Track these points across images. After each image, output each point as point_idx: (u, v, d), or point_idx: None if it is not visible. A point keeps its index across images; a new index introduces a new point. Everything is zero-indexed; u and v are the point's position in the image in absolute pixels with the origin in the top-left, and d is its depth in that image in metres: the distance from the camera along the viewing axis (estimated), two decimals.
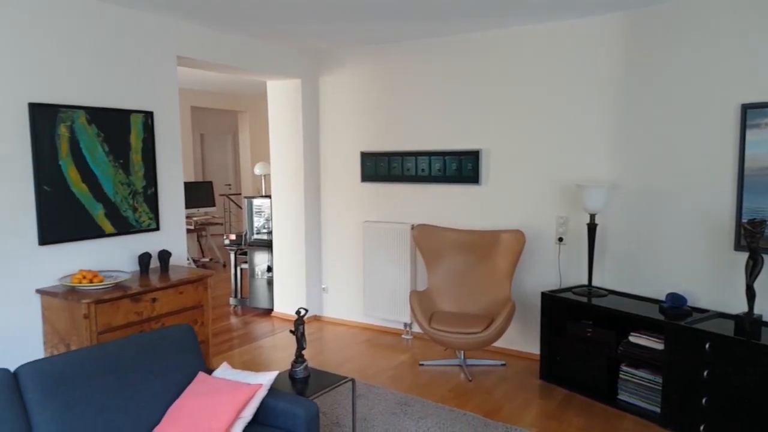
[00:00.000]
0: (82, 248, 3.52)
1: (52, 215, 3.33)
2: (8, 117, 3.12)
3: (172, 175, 4.07)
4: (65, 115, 3.35)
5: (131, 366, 2.41)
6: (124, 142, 3.70)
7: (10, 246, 3.17)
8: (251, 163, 9.85)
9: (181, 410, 2.33)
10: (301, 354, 3.01)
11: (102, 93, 3.58)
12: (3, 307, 3.15)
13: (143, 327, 3.36)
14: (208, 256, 9.05)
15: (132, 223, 3.78)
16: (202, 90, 8.46)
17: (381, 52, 5.05)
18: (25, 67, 3.18)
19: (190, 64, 4.42)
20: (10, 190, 3.15)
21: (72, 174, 3.41)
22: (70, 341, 3.17)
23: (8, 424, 2.02)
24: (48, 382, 2.16)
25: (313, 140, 5.48)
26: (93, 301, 3.08)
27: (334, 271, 5.56)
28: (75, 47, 3.42)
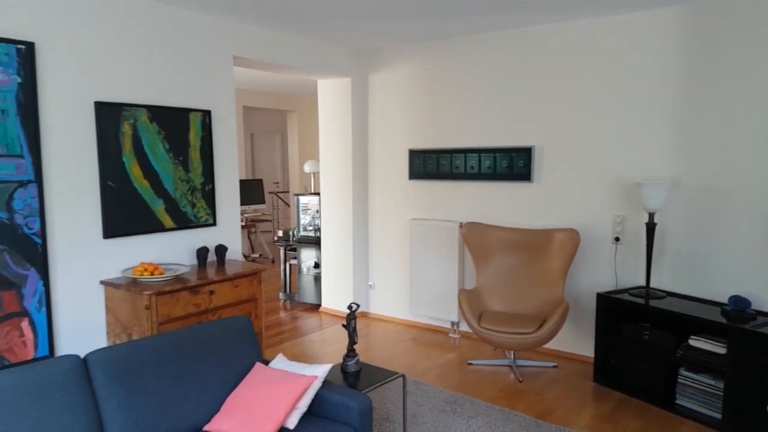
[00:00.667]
0: (143, 242, 3.67)
1: (116, 210, 3.48)
2: (77, 115, 3.27)
3: (228, 173, 4.19)
4: (128, 113, 3.50)
5: (192, 355, 2.49)
6: (184, 140, 3.83)
7: (78, 239, 3.33)
8: (299, 161, 10.01)
9: (240, 399, 2.40)
10: (352, 348, 3.04)
11: (163, 92, 3.72)
12: (71, 298, 3.31)
13: (201, 318, 3.46)
14: (258, 252, 9.25)
15: (190, 219, 3.91)
16: (253, 90, 8.65)
17: (430, 49, 5.04)
18: (92, 68, 3.33)
19: (246, 64, 4.53)
20: (78, 185, 3.31)
21: (135, 170, 3.56)
22: (131, 331, 3.31)
23: (79, 409, 2.12)
24: (115, 369, 2.26)
25: (362, 138, 5.52)
26: (154, 292, 3.20)
27: (380, 268, 5.59)
28: (138, 48, 3.56)
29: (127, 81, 3.51)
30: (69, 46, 3.21)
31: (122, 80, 3.49)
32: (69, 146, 3.25)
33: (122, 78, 3.49)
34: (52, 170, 3.17)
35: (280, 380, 2.43)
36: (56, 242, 3.22)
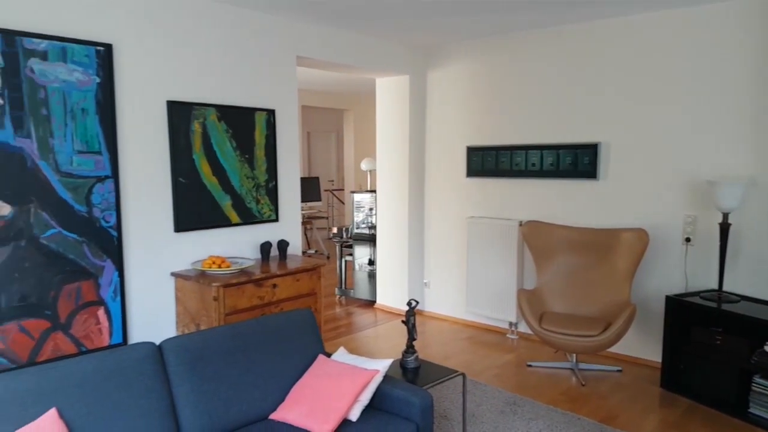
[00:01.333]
0: (211, 236, 3.80)
1: (186, 205, 3.63)
2: (150, 114, 3.43)
3: (289, 170, 4.28)
4: (198, 112, 3.64)
5: (259, 345, 2.57)
6: (250, 138, 3.95)
7: (150, 232, 3.49)
8: (354, 159, 10.12)
9: (304, 389, 2.45)
10: (411, 345, 3.05)
11: (230, 92, 3.84)
12: (143, 288, 3.47)
13: (264, 310, 3.56)
14: (314, 248, 9.41)
15: (255, 214, 4.02)
16: (310, 89, 8.80)
17: (489, 44, 4.98)
18: (164, 68, 3.48)
19: (308, 63, 4.62)
20: (152, 181, 3.46)
21: (204, 167, 3.70)
22: (200, 321, 3.44)
23: (155, 394, 2.23)
24: (188, 357, 2.36)
25: (419, 135, 5.52)
26: (222, 284, 3.31)
27: (436, 266, 5.58)
28: (207, 49, 3.69)
29: (196, 81, 3.65)
30: (143, 48, 3.37)
31: (192, 80, 3.63)
32: (143, 144, 3.41)
33: (192, 78, 3.63)
34: (127, 166, 3.34)
35: (342, 373, 2.47)
36: (131, 235, 3.39)
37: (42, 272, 2.99)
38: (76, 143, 3.07)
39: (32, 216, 2.93)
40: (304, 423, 2.30)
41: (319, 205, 9.27)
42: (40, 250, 2.97)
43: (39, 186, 2.95)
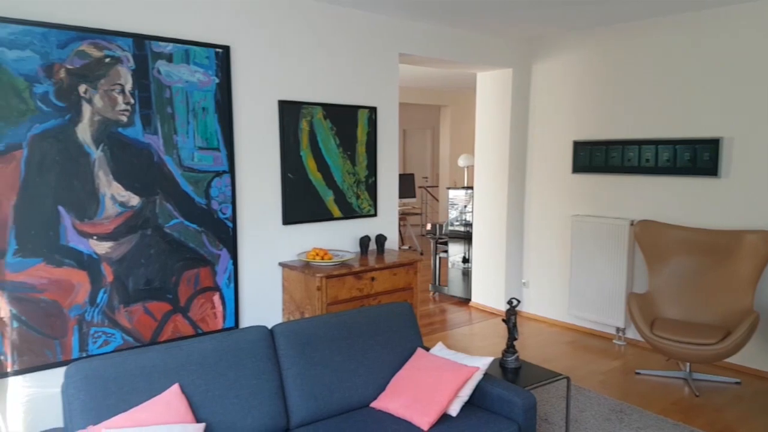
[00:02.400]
0: (314, 229, 3.96)
1: (293, 199, 3.80)
2: (263, 113, 3.62)
3: (389, 167, 4.35)
4: (306, 111, 3.79)
5: (360, 335, 2.64)
6: (352, 135, 4.06)
7: (262, 224, 3.69)
8: (450, 156, 10.06)
9: (404, 381, 2.49)
10: (512, 344, 3.00)
11: (335, 91, 3.97)
12: (253, 276, 3.68)
13: (362, 302, 3.65)
14: (407, 245, 9.49)
15: (355, 209, 4.13)
16: (406, 86, 8.86)
17: (599, 35, 4.75)
18: (276, 69, 3.66)
19: (410, 60, 4.66)
20: (263, 176, 3.66)
21: (310, 164, 3.85)
22: (304, 309, 3.59)
23: (266, 375, 2.36)
24: (297, 342, 2.48)
25: (521, 130, 5.38)
26: (324, 275, 3.44)
27: (536, 265, 5.42)
28: (315, 50, 3.83)
29: (305, 81, 3.80)
30: (257, 49, 3.56)
31: (301, 80, 3.78)
32: (256, 141, 3.61)
33: (301, 78, 3.78)
34: (242, 162, 3.55)
35: (442, 367, 2.48)
36: (244, 226, 3.60)
37: (165, 259, 3.25)
38: (197, 140, 3.31)
39: (158, 207, 3.20)
40: (404, 414, 2.34)
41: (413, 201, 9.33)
42: (164, 239, 3.24)
43: (164, 179, 3.21)
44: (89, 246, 2.98)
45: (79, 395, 2.01)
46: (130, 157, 3.08)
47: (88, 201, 2.96)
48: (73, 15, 2.85)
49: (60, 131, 2.84)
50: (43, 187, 2.81)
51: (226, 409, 2.20)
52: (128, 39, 3.01)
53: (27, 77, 2.72)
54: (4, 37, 2.64)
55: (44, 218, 2.83)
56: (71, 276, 2.94)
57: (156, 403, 2.04)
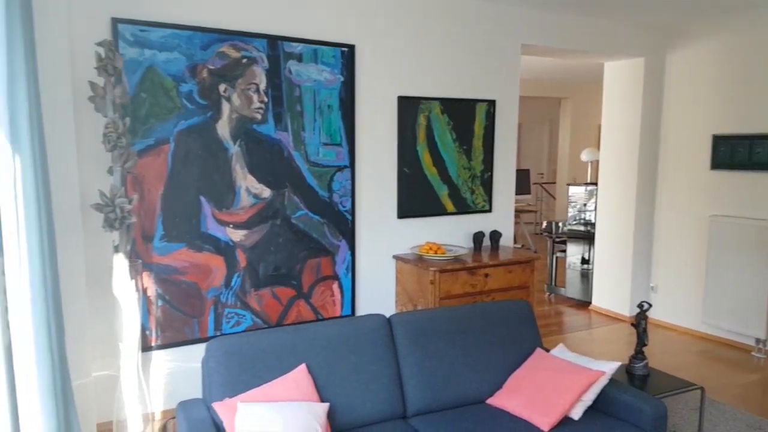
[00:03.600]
0: (428, 223, 3.99)
1: (408, 193, 3.86)
2: (383, 109, 3.71)
3: (506, 162, 4.27)
4: (424, 106, 3.83)
5: (477, 331, 2.62)
6: (469, 129, 4.03)
7: (377, 217, 3.79)
8: (569, 150, 9.63)
9: (522, 380, 2.44)
10: (641, 350, 2.82)
11: (453, 85, 3.96)
12: (369, 267, 3.79)
13: (475, 299, 3.62)
14: (520, 243, 9.24)
15: (469, 204, 4.11)
16: (522, 78, 8.59)
17: (740, 19, 4.30)
18: (396, 65, 3.73)
19: (533, 51, 4.52)
20: (381, 171, 3.75)
21: (426, 158, 3.88)
22: (417, 302, 3.63)
23: (384, 362, 2.43)
24: (414, 332, 2.52)
25: (652, 123, 5.02)
26: (438, 269, 3.45)
27: (665, 268, 5.04)
28: (434, 45, 3.85)
29: (424, 76, 3.84)
30: (379, 47, 3.65)
31: (420, 75, 3.82)
32: (376, 136, 3.71)
33: (420, 73, 3.82)
34: (362, 157, 3.66)
35: (564, 369, 2.40)
36: (361, 219, 3.72)
37: (291, 247, 3.45)
38: (322, 136, 3.47)
39: (286, 199, 3.40)
40: (523, 413, 2.29)
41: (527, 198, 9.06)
42: (291, 229, 3.44)
43: (293, 173, 3.40)
44: (226, 233, 3.24)
45: (217, 369, 2.20)
46: (263, 152, 3.30)
47: (226, 192, 3.21)
48: (216, 18, 3.10)
49: (202, 127, 3.11)
50: (186, 178, 3.10)
51: (347, 391, 2.30)
52: (263, 40, 3.22)
53: (174, 77, 3.01)
54: (155, 40, 2.94)
55: (187, 207, 3.12)
56: (209, 261, 3.21)
57: (285, 380, 2.18)
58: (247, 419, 1.98)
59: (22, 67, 1.89)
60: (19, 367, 1.94)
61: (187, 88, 3.05)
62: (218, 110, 3.15)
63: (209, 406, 2.16)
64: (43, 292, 1.97)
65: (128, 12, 2.87)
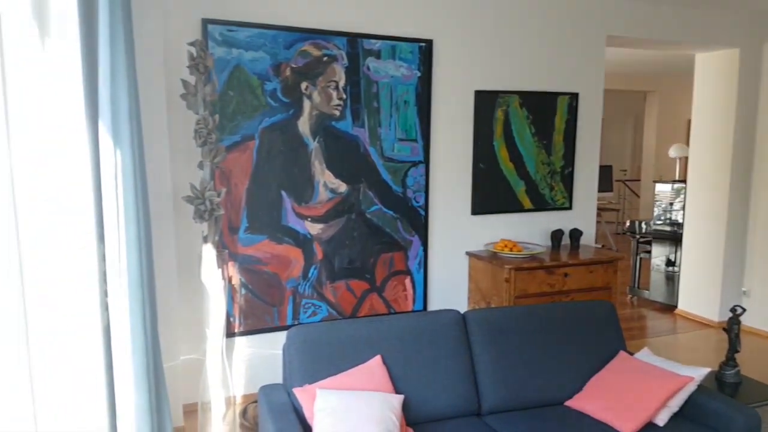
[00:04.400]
0: (503, 220, 3.92)
1: (483, 189, 3.81)
2: (459, 104, 3.69)
3: (588, 157, 4.12)
4: (502, 100, 3.77)
5: (555, 331, 2.56)
6: (549, 123, 3.93)
7: (452, 213, 3.77)
8: (655, 147, 9.14)
9: (604, 383, 2.35)
10: (733, 357, 2.65)
11: (533, 78, 3.87)
12: (441, 263, 3.78)
13: (553, 298, 3.52)
14: (600, 243, 8.88)
15: (547, 201, 4.00)
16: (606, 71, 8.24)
17: None
18: (473, 59, 3.69)
19: (618, 43, 4.33)
20: (455, 166, 3.73)
21: (503, 153, 3.82)
22: (490, 300, 3.59)
23: (459, 357, 2.42)
24: (489, 329, 2.49)
25: (749, 118, 4.67)
26: (513, 267, 3.39)
27: (761, 272, 4.68)
28: (513, 36, 3.77)
29: (502, 69, 3.78)
30: (457, 41, 3.62)
31: (498, 69, 3.76)
32: (451, 131, 3.69)
33: (498, 66, 3.76)
34: (436, 152, 3.66)
35: (649, 374, 2.29)
36: (435, 215, 3.72)
37: (365, 242, 3.50)
38: (398, 132, 3.50)
39: (361, 194, 3.46)
40: (604, 417, 2.22)
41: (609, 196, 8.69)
42: (365, 223, 3.49)
43: (368, 169, 3.45)
44: (304, 227, 3.34)
45: (297, 356, 2.27)
46: (341, 148, 3.37)
47: (305, 187, 3.31)
48: (299, 18, 3.20)
49: (284, 124, 3.22)
50: (269, 173, 3.22)
51: (421, 384, 2.31)
52: (343, 38, 3.29)
53: (260, 76, 3.14)
54: (242, 39, 3.08)
55: (270, 200, 3.25)
56: (289, 252, 3.33)
57: (361, 370, 2.23)
58: (325, 405, 2.04)
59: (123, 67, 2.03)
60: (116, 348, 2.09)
61: (271, 86, 3.17)
62: (300, 107, 3.25)
63: (289, 391, 2.24)
64: (138, 278, 2.12)
65: (217, 13, 3.02)
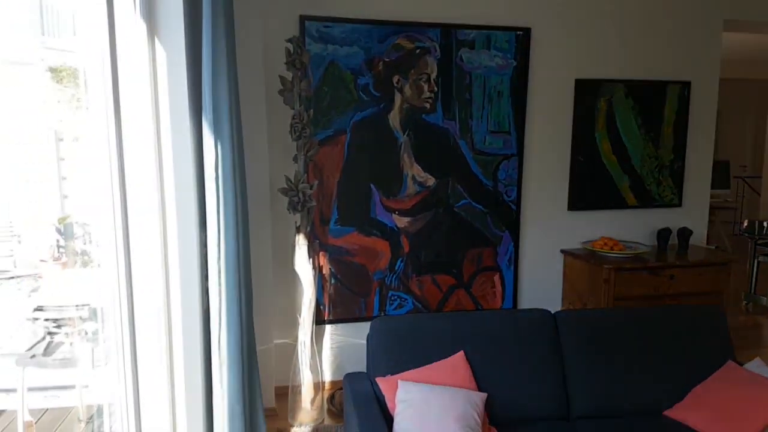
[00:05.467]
0: (604, 216, 3.71)
1: (582, 184, 3.63)
2: (557, 94, 3.53)
3: (701, 151, 3.81)
4: (605, 89, 3.56)
5: (654, 335, 2.40)
6: (657, 114, 3.66)
7: (544, 209, 3.63)
8: None
9: (710, 393, 2.17)
10: None
11: (640, 65, 3.62)
12: (533, 261, 3.65)
13: (657, 302, 3.29)
14: (714, 243, 8.16)
15: (654, 197, 3.74)
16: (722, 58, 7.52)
17: None
18: (575, 46, 3.50)
19: (737, 27, 3.93)
20: (550, 159, 3.58)
21: (604, 146, 3.62)
22: (586, 301, 3.41)
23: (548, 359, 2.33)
24: (581, 332, 2.38)
25: None
26: (613, 267, 3.20)
27: None
28: (618, 20, 3.54)
29: (605, 56, 3.56)
30: (557, 27, 3.46)
31: (601, 56, 3.55)
32: (547, 123, 3.54)
33: (601, 54, 3.55)
34: (531, 145, 3.53)
35: (762, 385, 2.08)
36: (528, 210, 3.59)
37: (453, 236, 3.46)
38: (490, 124, 3.42)
39: (450, 188, 3.42)
40: (708, 429, 2.05)
41: (725, 193, 7.96)
42: (453, 217, 3.45)
43: (457, 162, 3.40)
44: (392, 220, 3.36)
45: (381, 346, 2.30)
46: (430, 141, 3.35)
47: (394, 180, 3.33)
48: (393, 11, 3.20)
49: (375, 118, 3.25)
50: (359, 166, 3.27)
51: (506, 383, 2.25)
52: (437, 30, 3.26)
53: (353, 71, 3.18)
54: (337, 35, 3.13)
55: (359, 193, 3.30)
56: (376, 245, 3.37)
57: (444, 365, 2.21)
58: (407, 396, 2.04)
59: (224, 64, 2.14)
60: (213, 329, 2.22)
61: (364, 80, 3.20)
62: (390, 101, 3.26)
63: (372, 380, 2.27)
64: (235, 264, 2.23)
65: (315, 9, 3.10)
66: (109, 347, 2.03)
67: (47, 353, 2.41)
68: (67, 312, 2.47)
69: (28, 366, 2.31)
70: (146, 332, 2.07)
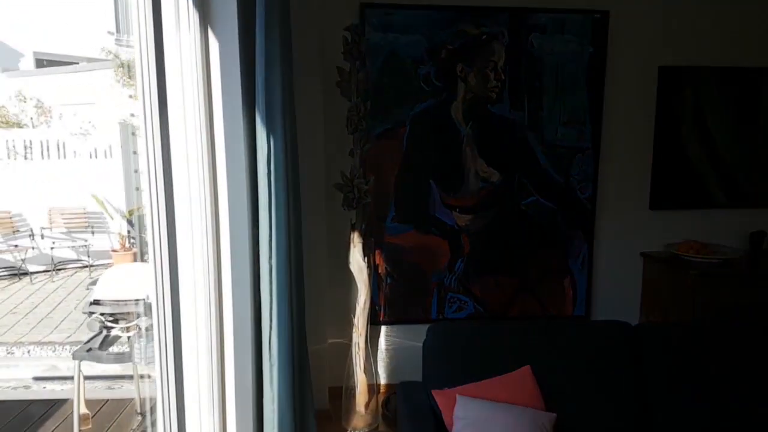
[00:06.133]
0: (689, 217, 3.37)
1: (665, 181, 3.30)
2: (638, 83, 3.20)
3: None
4: (693, 77, 3.21)
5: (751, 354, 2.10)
6: (753, 104, 3.27)
7: (622, 207, 3.32)
8: None
9: None
10: None
11: (734, 51, 3.23)
12: (609, 264, 3.35)
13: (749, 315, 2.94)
14: None
15: (747, 196, 3.35)
16: None
17: None
18: (658, 30, 3.18)
19: None
20: (630, 154, 3.27)
21: (691, 139, 3.27)
22: (669, 310, 3.11)
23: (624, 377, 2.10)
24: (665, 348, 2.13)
25: None
26: (700, 273, 2.89)
27: None
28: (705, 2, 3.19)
29: (693, 42, 3.21)
30: (638, 10, 3.14)
31: (688, 41, 3.20)
32: (627, 114, 3.23)
33: (688, 39, 3.20)
34: (609, 137, 3.23)
35: None
36: (604, 208, 3.30)
37: (518, 236, 3.23)
38: (562, 114, 3.16)
39: (516, 184, 3.19)
40: None
41: None
42: (519, 216, 3.22)
43: (525, 156, 3.17)
44: (452, 218, 3.17)
45: (438, 353, 2.14)
46: (496, 134, 3.13)
47: (455, 175, 3.14)
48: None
49: (436, 109, 3.07)
50: (419, 161, 3.10)
51: (577, 404, 2.04)
52: (505, 14, 3.03)
53: (414, 60, 3.01)
54: (399, 23, 2.97)
55: (418, 189, 3.13)
56: (435, 244, 3.19)
57: (508, 380, 2.02)
58: (466, 414, 1.88)
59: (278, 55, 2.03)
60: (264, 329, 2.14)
61: (425, 70, 3.03)
62: (453, 91, 3.07)
63: (429, 392, 2.11)
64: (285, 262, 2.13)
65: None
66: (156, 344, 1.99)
67: (103, 347, 2.42)
68: (125, 307, 2.47)
69: (84, 360, 2.34)
70: (193, 331, 2.01)
